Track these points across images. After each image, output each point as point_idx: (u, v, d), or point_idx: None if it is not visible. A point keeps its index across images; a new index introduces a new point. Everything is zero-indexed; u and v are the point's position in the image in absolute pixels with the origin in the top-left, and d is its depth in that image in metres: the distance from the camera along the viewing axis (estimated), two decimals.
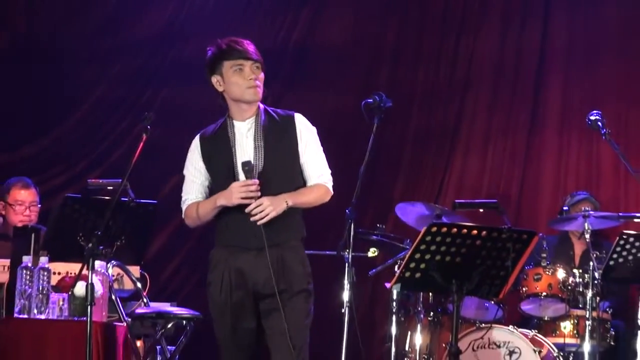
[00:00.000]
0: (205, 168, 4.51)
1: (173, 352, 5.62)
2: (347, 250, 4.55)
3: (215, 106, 8.30)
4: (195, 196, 4.53)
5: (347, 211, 4.58)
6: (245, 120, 4.46)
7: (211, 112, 7.65)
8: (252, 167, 4.37)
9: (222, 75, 4.46)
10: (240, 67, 4.43)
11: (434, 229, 4.17)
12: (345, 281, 4.53)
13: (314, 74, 7.98)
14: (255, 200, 4.32)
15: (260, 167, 4.40)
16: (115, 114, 7.88)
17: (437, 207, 6.51)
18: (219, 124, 4.53)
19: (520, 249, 4.26)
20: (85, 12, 7.88)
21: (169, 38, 8.00)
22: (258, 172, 4.39)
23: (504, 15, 7.99)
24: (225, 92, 4.49)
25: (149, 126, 4.63)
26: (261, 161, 4.40)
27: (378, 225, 6.57)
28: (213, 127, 4.56)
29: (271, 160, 4.41)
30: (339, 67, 8.07)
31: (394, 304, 6.30)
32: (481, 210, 6.79)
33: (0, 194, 6.33)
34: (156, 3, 8.00)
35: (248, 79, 4.41)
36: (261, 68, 4.48)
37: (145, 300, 5.61)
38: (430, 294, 6.39)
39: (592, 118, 5.71)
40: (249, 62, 4.43)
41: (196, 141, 4.56)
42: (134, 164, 4.61)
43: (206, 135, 4.55)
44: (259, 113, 4.48)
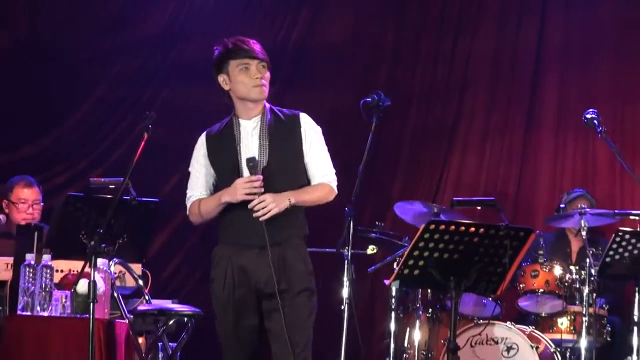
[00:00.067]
0: (210, 165, 4.50)
1: (175, 348, 5.63)
2: (347, 248, 4.52)
3: (216, 105, 8.32)
4: (200, 193, 4.52)
5: (346, 209, 4.56)
6: (251, 119, 4.46)
7: (211, 111, 7.71)
8: (257, 163, 4.36)
9: (228, 74, 4.45)
10: (247, 66, 4.43)
11: (432, 226, 4.17)
12: (345, 278, 4.51)
13: (313, 73, 7.98)
14: (259, 196, 4.31)
15: (265, 164, 4.38)
16: (116, 113, 7.88)
17: (435, 205, 6.52)
18: (225, 122, 4.53)
19: (517, 246, 4.26)
20: (86, 12, 7.87)
21: (170, 38, 7.99)
22: (262, 168, 4.37)
23: (500, 16, 8.00)
24: (231, 90, 4.48)
25: (150, 125, 4.63)
26: (265, 159, 4.39)
27: (377, 223, 6.59)
28: (219, 125, 4.55)
29: (275, 158, 4.40)
30: (338, 66, 8.07)
31: (393, 300, 6.32)
32: (479, 207, 6.79)
33: (3, 193, 6.34)
34: (157, 3, 8.00)
35: (254, 77, 4.41)
36: (267, 67, 4.48)
37: (147, 297, 5.60)
38: (429, 290, 6.40)
39: (588, 116, 5.72)
40: (255, 61, 4.44)
41: (202, 138, 4.56)
42: (135, 162, 4.62)
43: (212, 133, 4.54)
44: (264, 112, 4.47)
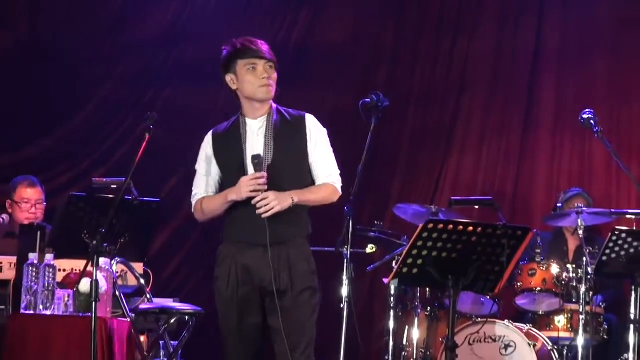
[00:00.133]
0: (216, 163, 4.50)
1: (176, 346, 5.66)
2: (346, 247, 4.52)
3: (216, 106, 8.38)
4: (206, 191, 4.52)
5: (345, 208, 4.56)
6: (257, 119, 4.47)
7: (212, 111, 7.79)
8: (262, 160, 4.36)
9: (235, 74, 4.46)
10: (254, 66, 4.44)
11: (430, 225, 4.19)
12: (344, 277, 4.51)
13: (313, 73, 7.97)
14: (262, 193, 4.31)
15: (269, 163, 4.39)
16: (118, 113, 7.88)
17: (433, 207, 6.55)
18: (232, 121, 4.53)
19: (515, 245, 4.28)
20: (87, 12, 7.86)
21: (172, 38, 7.99)
22: (267, 166, 4.37)
23: (498, 16, 8.01)
24: (238, 90, 4.49)
25: (151, 126, 4.64)
26: (270, 158, 4.40)
27: (376, 222, 6.62)
28: (226, 124, 4.55)
29: (280, 157, 4.41)
30: (338, 66, 8.08)
31: (392, 299, 6.35)
32: (477, 207, 6.77)
33: (6, 192, 6.37)
34: (158, 4, 8.00)
35: (261, 77, 4.42)
36: (274, 68, 4.49)
37: (148, 296, 5.63)
38: (427, 289, 6.42)
39: (585, 116, 5.70)
40: (262, 61, 4.45)
41: (208, 137, 4.56)
42: (137, 162, 4.62)
43: (218, 132, 4.54)
44: (271, 112, 4.48)
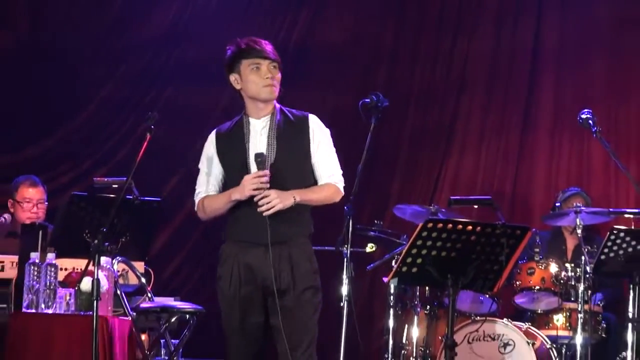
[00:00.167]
0: (219, 162, 4.52)
1: (177, 345, 5.67)
2: (346, 246, 4.53)
3: (218, 106, 8.38)
4: (209, 189, 4.53)
5: (345, 208, 4.57)
6: (261, 118, 4.48)
7: (214, 112, 7.80)
8: (265, 158, 4.37)
9: (240, 74, 4.47)
10: (258, 66, 4.45)
11: (429, 224, 4.21)
12: (344, 276, 4.52)
13: (313, 73, 7.97)
14: (265, 191, 4.33)
15: (272, 162, 4.40)
16: (120, 113, 7.89)
17: (432, 207, 6.57)
18: (235, 121, 4.55)
19: (513, 244, 4.30)
20: (88, 12, 7.87)
21: (173, 39, 8.00)
22: (269, 165, 4.38)
23: (497, 17, 8.02)
24: (242, 90, 4.50)
25: (152, 126, 4.66)
26: (273, 157, 4.41)
27: (376, 222, 6.65)
28: (229, 123, 4.56)
29: (283, 157, 4.42)
30: (338, 66, 8.09)
31: (392, 297, 6.38)
32: (476, 206, 6.74)
33: (8, 192, 6.37)
34: (160, 4, 8.01)
35: (264, 77, 4.43)
36: (278, 68, 4.50)
37: (149, 295, 5.64)
38: (427, 288, 6.42)
39: (583, 117, 5.71)
40: (266, 61, 4.45)
41: (212, 136, 4.57)
42: (138, 162, 4.64)
43: (222, 131, 4.55)
44: (274, 112, 4.49)
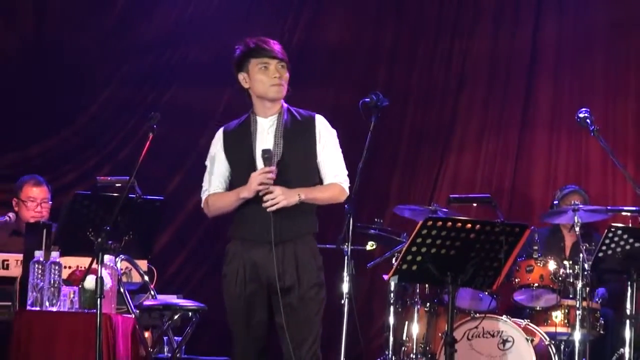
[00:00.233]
0: (226, 159, 4.55)
1: (179, 342, 5.70)
2: (347, 244, 4.50)
3: (220, 106, 8.39)
4: (216, 187, 4.57)
5: (346, 206, 4.56)
6: (268, 117, 4.52)
7: (216, 111, 7.83)
8: (272, 154, 4.40)
9: (248, 73, 4.50)
10: (266, 65, 4.48)
11: (429, 223, 4.25)
12: (345, 273, 4.50)
13: (314, 73, 7.97)
14: (270, 187, 4.36)
15: (278, 160, 4.44)
16: (122, 113, 7.91)
17: (431, 207, 6.59)
18: (243, 119, 4.58)
19: (512, 242, 4.34)
20: (92, 13, 7.88)
21: (175, 39, 8.02)
22: (275, 163, 4.42)
23: (496, 17, 8.05)
24: (250, 89, 4.53)
25: (155, 125, 4.69)
26: (279, 156, 4.44)
27: (376, 220, 6.69)
28: (237, 121, 4.60)
29: (289, 156, 4.45)
30: (338, 67, 8.13)
31: (392, 295, 6.41)
32: (475, 204, 6.84)
33: (13, 191, 6.40)
34: (162, 5, 8.03)
35: (272, 77, 4.46)
36: (286, 68, 4.53)
37: (152, 292, 5.67)
38: (427, 285, 6.43)
39: (581, 115, 5.72)
40: (274, 60, 4.49)
41: (219, 134, 4.60)
42: (141, 162, 4.67)
43: (229, 129, 4.59)
44: (282, 112, 4.53)
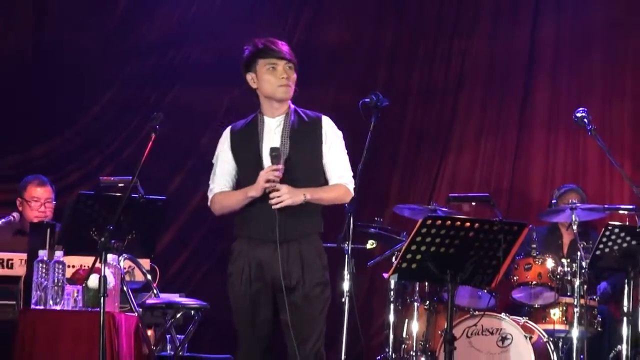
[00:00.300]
0: (233, 158, 4.58)
1: (182, 340, 5.74)
2: (347, 243, 4.54)
3: (222, 106, 8.42)
4: (223, 185, 4.60)
5: (346, 205, 4.59)
6: (275, 117, 4.55)
7: (218, 111, 7.85)
8: (280, 153, 4.42)
9: (256, 73, 4.54)
10: (274, 66, 4.51)
11: (429, 221, 4.26)
12: (345, 272, 4.53)
13: (314, 73, 7.87)
14: (277, 185, 4.39)
15: (285, 158, 4.46)
16: (125, 114, 7.93)
17: (431, 206, 6.61)
18: (250, 119, 4.61)
19: (511, 240, 4.35)
20: (94, 14, 7.90)
21: (177, 40, 8.05)
22: (284, 160, 4.44)
23: (494, 17, 8.08)
24: (258, 89, 4.57)
25: (157, 125, 4.72)
26: (285, 156, 4.46)
27: (376, 219, 6.72)
28: (244, 121, 4.63)
29: (295, 156, 4.48)
30: (338, 67, 8.16)
31: (392, 293, 6.45)
32: (474, 203, 6.86)
33: (17, 191, 6.43)
34: (164, 6, 8.05)
35: (280, 77, 4.50)
36: (294, 69, 4.56)
37: (155, 291, 5.69)
38: (426, 283, 6.45)
39: (579, 115, 5.75)
40: (282, 61, 4.52)
41: (226, 133, 4.63)
42: (143, 162, 4.71)
43: (236, 128, 4.62)
44: (289, 112, 4.56)
